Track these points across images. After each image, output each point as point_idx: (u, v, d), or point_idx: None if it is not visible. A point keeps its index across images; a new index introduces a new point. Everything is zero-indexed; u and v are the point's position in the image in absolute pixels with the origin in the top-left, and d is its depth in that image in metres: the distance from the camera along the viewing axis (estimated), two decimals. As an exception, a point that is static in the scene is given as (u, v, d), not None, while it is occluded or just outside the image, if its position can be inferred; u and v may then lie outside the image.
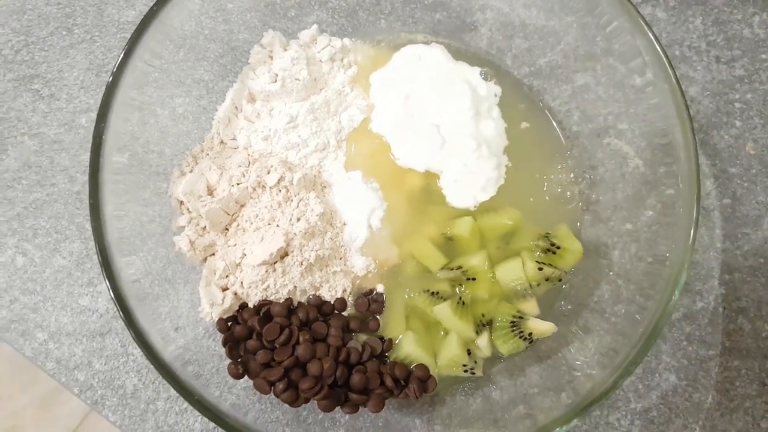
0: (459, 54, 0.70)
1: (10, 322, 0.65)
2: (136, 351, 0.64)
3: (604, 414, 0.63)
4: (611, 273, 0.60)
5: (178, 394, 0.61)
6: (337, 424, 0.57)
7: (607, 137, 0.65)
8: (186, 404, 0.62)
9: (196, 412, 0.62)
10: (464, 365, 0.55)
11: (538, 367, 0.56)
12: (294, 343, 0.52)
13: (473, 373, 0.56)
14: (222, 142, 0.61)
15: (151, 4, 0.56)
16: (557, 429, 0.46)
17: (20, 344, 0.64)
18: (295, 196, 0.56)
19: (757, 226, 0.67)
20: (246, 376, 0.53)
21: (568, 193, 0.66)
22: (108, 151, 0.53)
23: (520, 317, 0.56)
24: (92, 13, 0.73)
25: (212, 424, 0.62)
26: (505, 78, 0.69)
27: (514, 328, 0.55)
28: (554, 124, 0.68)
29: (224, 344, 0.54)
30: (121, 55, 0.53)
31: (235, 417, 0.48)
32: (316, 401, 0.51)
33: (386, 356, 0.56)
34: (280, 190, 0.56)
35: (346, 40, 0.66)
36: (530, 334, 0.55)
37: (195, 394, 0.47)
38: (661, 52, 0.55)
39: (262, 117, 0.60)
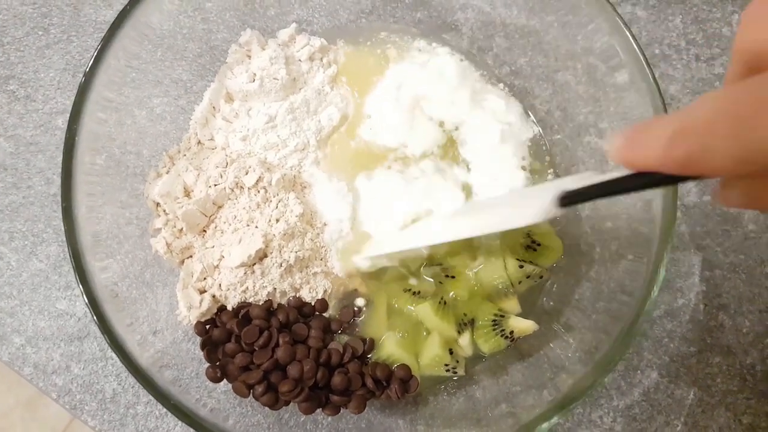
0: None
1: (-14, 327, 0.64)
2: (115, 355, 0.63)
3: (587, 411, 0.63)
4: (592, 271, 0.60)
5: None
6: (320, 426, 0.56)
7: (587, 136, 0.65)
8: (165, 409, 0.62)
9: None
10: (446, 365, 0.55)
11: (521, 365, 0.56)
12: (274, 346, 0.51)
13: (455, 373, 0.56)
14: (199, 142, 0.60)
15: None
16: (540, 426, 0.46)
17: (-3, 349, 0.63)
18: (274, 197, 0.55)
19: (737, 223, 0.67)
20: (225, 380, 0.52)
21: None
22: (82, 153, 0.53)
23: (502, 316, 0.55)
24: (69, 13, 0.72)
25: (192, 429, 0.61)
26: (486, 77, 0.69)
27: (496, 326, 0.55)
28: (534, 122, 0.68)
29: (202, 348, 0.53)
30: (94, 55, 0.52)
31: (214, 422, 0.47)
32: (296, 404, 0.51)
33: (368, 357, 0.56)
34: (258, 191, 0.55)
35: (324, 40, 0.65)
36: (512, 332, 0.55)
37: (172, 399, 0.47)
38: (638, 51, 0.55)
39: (241, 117, 0.59)
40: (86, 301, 0.47)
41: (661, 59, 0.72)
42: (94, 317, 0.47)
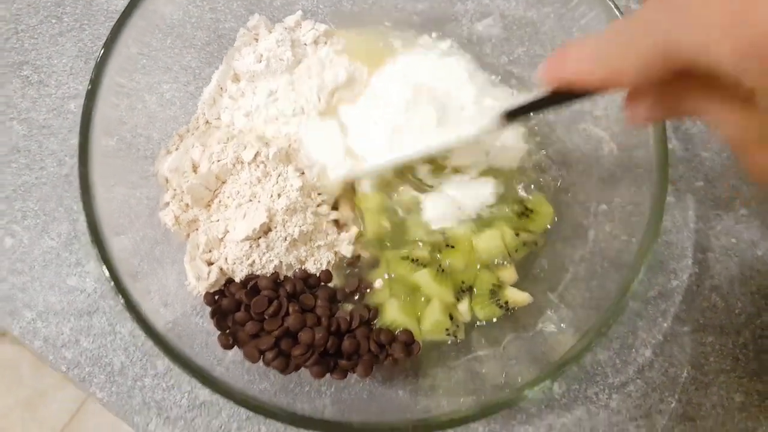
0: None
1: (-2, 301, 0.65)
2: (124, 330, 0.65)
3: (583, 388, 0.64)
4: (587, 251, 0.62)
5: (164, 372, 0.63)
6: (323, 395, 0.58)
7: (583, 123, 0.67)
8: (173, 381, 0.63)
9: (183, 389, 0.63)
10: (447, 329, 0.56)
11: (514, 334, 0.58)
12: (284, 315, 0.53)
13: (456, 337, 0.58)
14: (207, 122, 0.63)
15: (140, -7, 0.58)
16: (533, 389, 0.48)
17: (8, 323, 0.65)
18: (273, 170, 0.57)
19: (729, 207, 0.69)
20: (235, 347, 0.54)
21: (548, 176, 0.68)
22: (97, 135, 0.55)
23: (499, 286, 0.57)
24: (81, 2, 0.74)
25: (199, 400, 0.63)
26: (485, 67, 0.71)
27: (493, 295, 0.57)
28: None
29: (212, 316, 0.55)
30: (107, 40, 0.55)
31: (225, 381, 0.49)
32: (307, 368, 0.52)
33: (373, 323, 0.57)
34: (258, 166, 0.57)
35: (331, 25, 0.68)
36: (506, 302, 0.57)
37: (186, 358, 0.49)
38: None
39: (246, 95, 0.62)
40: (104, 269, 0.49)
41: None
42: (113, 282, 0.49)
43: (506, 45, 0.72)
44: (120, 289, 0.49)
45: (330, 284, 0.58)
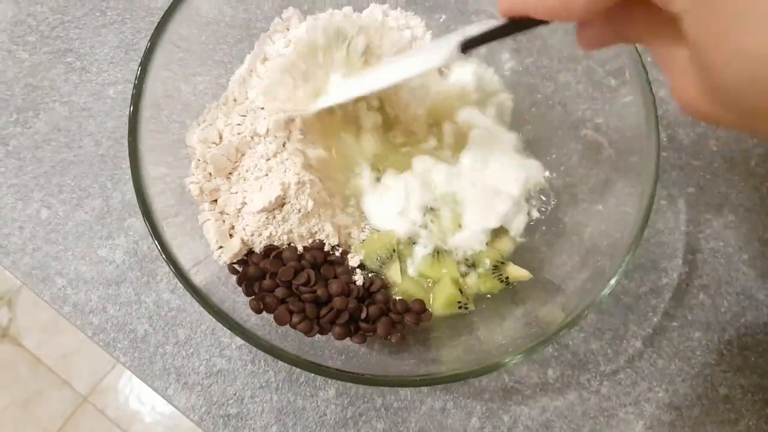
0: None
1: (32, 268, 0.70)
2: (149, 299, 0.69)
3: (576, 374, 0.68)
4: (583, 247, 0.67)
5: (185, 341, 0.67)
6: (329, 381, 0.63)
7: (584, 129, 0.72)
8: (192, 349, 0.67)
9: (202, 356, 0.67)
10: (459, 302, 0.61)
11: (514, 306, 0.63)
12: (312, 283, 0.57)
13: (467, 308, 0.62)
14: (235, 99, 0.67)
15: (179, -8, 0.63)
16: (516, 358, 0.53)
17: (40, 289, 0.69)
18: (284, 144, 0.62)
19: (718, 213, 0.74)
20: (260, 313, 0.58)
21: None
22: (143, 114, 0.60)
23: (502, 263, 0.62)
24: (124, -2, 0.80)
25: (216, 368, 0.67)
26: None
27: (495, 270, 0.62)
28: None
29: (239, 283, 0.59)
30: (154, 30, 0.60)
31: (257, 333, 0.53)
32: (330, 331, 0.57)
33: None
34: (273, 140, 0.62)
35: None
36: (507, 277, 0.62)
37: (221, 309, 0.53)
38: (638, 56, 0.62)
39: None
40: (146, 222, 0.54)
41: (653, 65, 0.79)
42: (152, 233, 0.53)
43: (516, 55, 0.77)
44: (160, 241, 0.53)
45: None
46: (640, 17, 0.36)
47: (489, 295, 0.65)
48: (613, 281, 0.56)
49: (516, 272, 0.63)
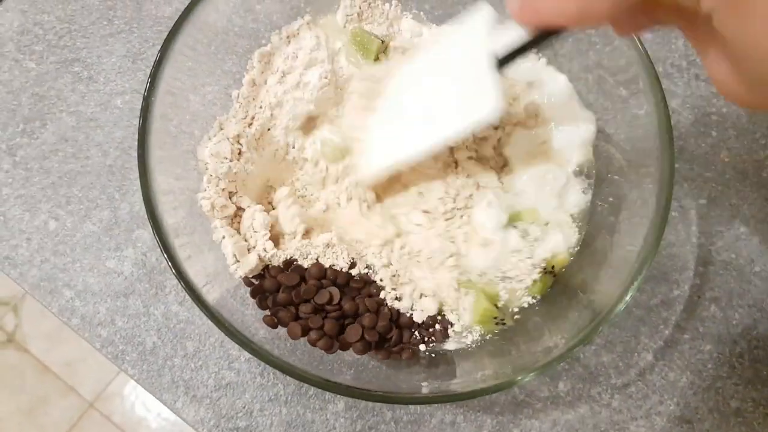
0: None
1: (40, 280, 0.69)
2: (157, 312, 0.69)
3: (587, 387, 0.68)
4: (593, 259, 0.66)
5: (193, 353, 0.67)
6: (344, 374, 0.62)
7: (596, 140, 0.72)
8: (201, 361, 0.67)
9: (210, 369, 0.67)
10: (495, 317, 0.61)
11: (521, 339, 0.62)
12: (336, 302, 0.57)
13: (504, 324, 0.62)
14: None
15: (187, 2, 0.63)
16: (530, 375, 0.53)
17: (48, 301, 0.69)
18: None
19: (729, 225, 0.73)
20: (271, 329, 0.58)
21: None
22: (152, 125, 0.60)
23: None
24: (132, 7, 0.79)
25: (225, 381, 0.67)
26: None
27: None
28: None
29: (253, 296, 0.59)
30: (164, 41, 0.60)
31: (265, 348, 0.53)
32: (353, 347, 0.57)
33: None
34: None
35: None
36: (553, 267, 0.63)
37: (232, 326, 0.53)
38: (651, 67, 0.61)
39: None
40: (156, 238, 0.53)
41: (664, 76, 0.79)
42: (163, 251, 0.53)
43: (525, 65, 0.77)
44: (171, 257, 0.53)
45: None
46: (670, 9, 0.36)
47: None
48: (628, 296, 0.55)
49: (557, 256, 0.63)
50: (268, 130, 0.66)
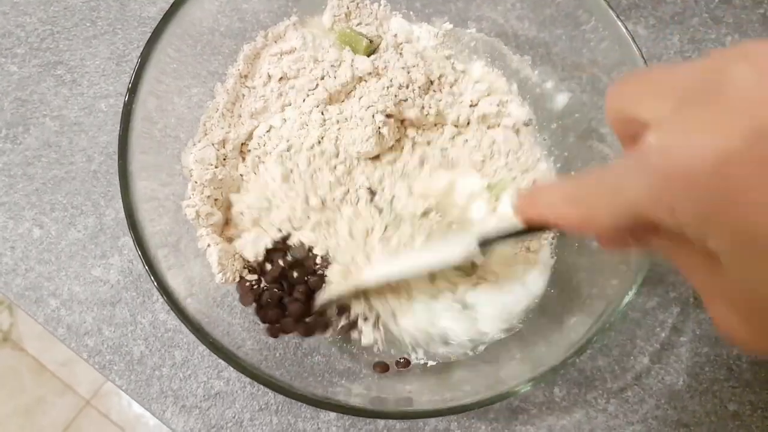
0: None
1: (25, 289, 0.68)
2: (144, 320, 0.67)
3: (582, 392, 0.67)
4: (589, 264, 0.65)
5: (182, 363, 0.66)
6: (335, 385, 0.61)
7: (590, 140, 0.71)
8: (190, 371, 0.66)
9: (199, 378, 0.66)
10: None
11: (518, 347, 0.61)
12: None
13: None
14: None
15: (172, 1, 0.61)
16: (528, 385, 0.51)
17: (33, 311, 0.68)
18: None
19: (726, 224, 0.72)
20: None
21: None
22: (134, 130, 0.58)
23: None
24: (115, 8, 0.78)
25: (214, 390, 0.66)
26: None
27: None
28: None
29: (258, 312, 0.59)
30: (147, 42, 0.58)
31: (251, 362, 0.52)
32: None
33: None
34: None
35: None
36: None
37: (214, 339, 0.52)
38: (642, 62, 0.60)
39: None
40: (138, 250, 0.52)
41: (659, 73, 0.78)
42: (145, 265, 0.51)
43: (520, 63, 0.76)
44: (153, 271, 0.51)
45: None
46: (669, 240, 0.33)
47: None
48: (625, 301, 0.54)
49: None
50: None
